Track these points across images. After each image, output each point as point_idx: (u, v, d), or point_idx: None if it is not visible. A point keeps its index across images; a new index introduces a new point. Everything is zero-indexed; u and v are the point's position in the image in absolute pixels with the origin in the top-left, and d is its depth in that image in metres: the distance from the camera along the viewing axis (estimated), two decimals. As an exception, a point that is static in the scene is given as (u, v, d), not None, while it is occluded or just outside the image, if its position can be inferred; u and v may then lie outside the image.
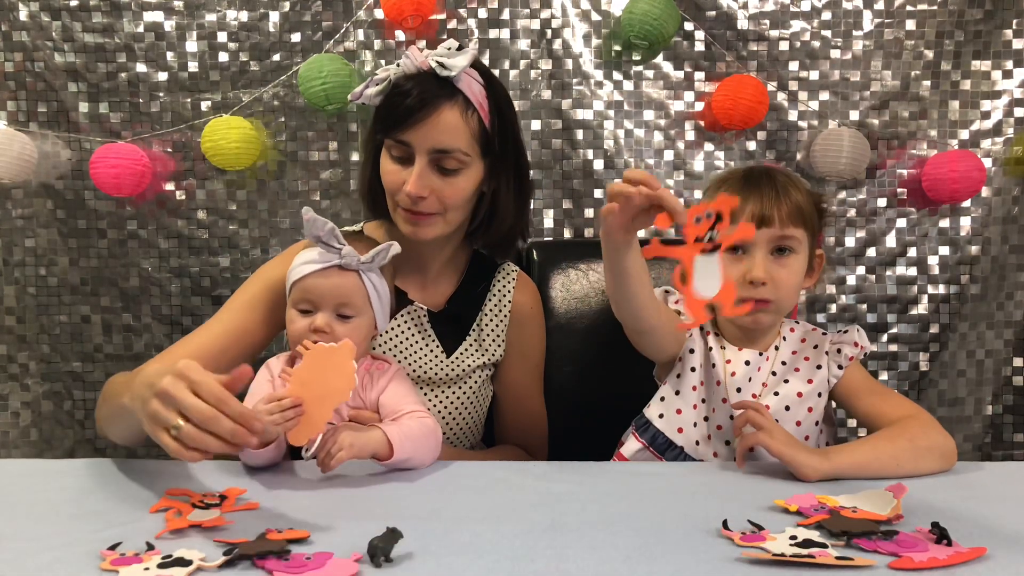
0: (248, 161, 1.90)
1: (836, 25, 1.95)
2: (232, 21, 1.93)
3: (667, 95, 1.97)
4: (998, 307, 2.00)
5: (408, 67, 1.21)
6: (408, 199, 1.21)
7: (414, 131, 1.19)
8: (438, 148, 1.20)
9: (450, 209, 1.24)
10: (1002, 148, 1.96)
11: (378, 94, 1.23)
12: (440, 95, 1.19)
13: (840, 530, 0.82)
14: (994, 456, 2.03)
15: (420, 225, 1.24)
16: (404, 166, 1.22)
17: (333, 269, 1.14)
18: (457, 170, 1.22)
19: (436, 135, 1.19)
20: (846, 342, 1.23)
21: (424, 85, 1.19)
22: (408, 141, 1.20)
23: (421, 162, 1.20)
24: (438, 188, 1.21)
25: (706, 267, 0.90)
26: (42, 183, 1.96)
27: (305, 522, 0.87)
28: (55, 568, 0.76)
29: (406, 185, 1.20)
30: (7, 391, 2.02)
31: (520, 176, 1.33)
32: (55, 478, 1.03)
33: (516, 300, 1.40)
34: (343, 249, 1.13)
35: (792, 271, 1.18)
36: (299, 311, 1.15)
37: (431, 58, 1.20)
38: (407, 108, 1.18)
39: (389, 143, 1.23)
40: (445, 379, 1.33)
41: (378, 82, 1.24)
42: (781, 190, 1.17)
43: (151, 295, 1.99)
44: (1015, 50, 1.95)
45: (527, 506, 0.94)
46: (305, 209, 1.12)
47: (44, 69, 1.93)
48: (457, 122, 1.20)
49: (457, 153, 1.20)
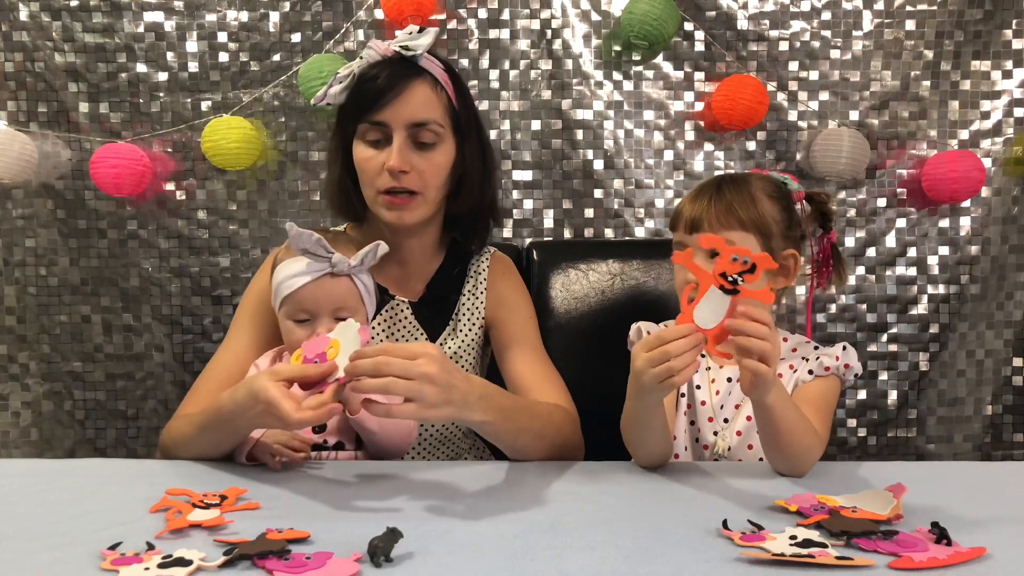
0: (248, 161, 1.90)
1: (836, 25, 1.95)
2: (232, 21, 1.93)
3: (667, 95, 1.97)
4: (998, 307, 2.00)
5: (372, 57, 1.24)
6: (390, 176, 1.22)
7: (389, 109, 1.21)
8: (415, 121, 1.22)
9: (429, 187, 1.26)
10: (1002, 148, 1.97)
11: (343, 90, 1.25)
12: (409, 73, 1.23)
13: (840, 530, 0.82)
14: (994, 456, 2.03)
15: (402, 209, 1.25)
16: (380, 149, 1.24)
17: (325, 278, 1.15)
18: (433, 144, 1.25)
19: (411, 109, 1.22)
20: (830, 354, 1.20)
21: (391, 68, 1.23)
22: (384, 120, 1.22)
23: (399, 137, 1.22)
24: (417, 164, 1.23)
25: (716, 301, 0.93)
26: (42, 183, 1.96)
27: (305, 522, 0.87)
28: (55, 568, 0.76)
29: (388, 162, 1.22)
30: (7, 391, 2.02)
31: (484, 155, 1.35)
32: (55, 478, 1.03)
33: (491, 280, 1.40)
34: (332, 257, 1.14)
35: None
36: (296, 322, 1.16)
37: (394, 44, 1.24)
38: (379, 89, 1.21)
39: (364, 128, 1.24)
40: None
41: (341, 79, 1.25)
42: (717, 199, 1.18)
43: (151, 295, 1.99)
44: (1015, 50, 1.95)
45: (527, 506, 0.94)
46: (289, 225, 1.12)
47: (44, 69, 1.93)
48: (429, 95, 1.24)
49: (432, 124, 1.23)
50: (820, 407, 1.16)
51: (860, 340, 2.00)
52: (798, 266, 1.24)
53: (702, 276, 0.94)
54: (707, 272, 0.93)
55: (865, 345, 2.00)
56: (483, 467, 1.12)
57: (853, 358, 1.20)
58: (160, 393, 2.01)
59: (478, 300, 1.38)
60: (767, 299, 0.94)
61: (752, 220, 1.18)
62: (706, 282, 0.93)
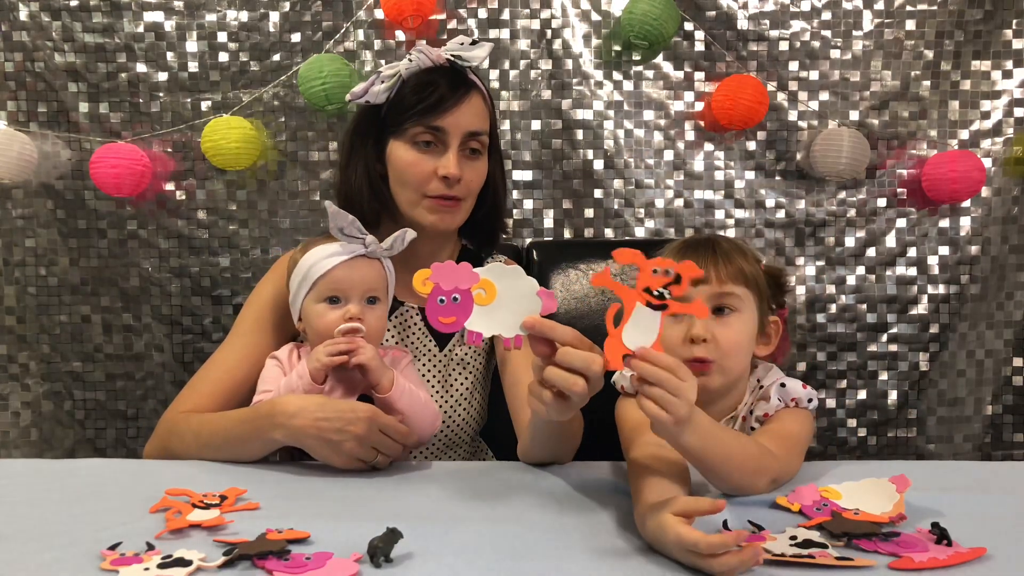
0: (248, 161, 1.90)
1: (836, 25, 1.95)
2: (232, 21, 1.93)
3: (667, 95, 1.97)
4: (998, 307, 2.00)
5: (423, 62, 1.25)
6: (444, 184, 1.25)
7: (451, 115, 1.24)
8: (471, 131, 1.26)
9: (471, 196, 1.30)
10: (1002, 148, 1.97)
11: (386, 90, 1.26)
12: (467, 83, 1.27)
13: (841, 531, 0.82)
14: (994, 456, 2.03)
15: (449, 212, 1.27)
16: (429, 153, 1.25)
17: (359, 259, 1.17)
18: (480, 153, 1.29)
19: (469, 118, 1.25)
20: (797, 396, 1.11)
21: (449, 75, 1.25)
22: (443, 126, 1.24)
23: (455, 145, 1.25)
24: (466, 172, 1.27)
25: (645, 320, 0.84)
26: (42, 183, 1.96)
27: (305, 522, 0.87)
28: (55, 568, 0.76)
29: (443, 169, 1.24)
30: (7, 391, 2.02)
31: (502, 169, 1.40)
32: (55, 478, 1.03)
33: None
34: (366, 239, 1.17)
35: (735, 331, 1.11)
36: (328, 301, 1.16)
37: (445, 52, 1.26)
38: (441, 95, 1.23)
39: (416, 131, 1.25)
40: (438, 373, 1.34)
41: (384, 79, 1.25)
42: (721, 253, 1.14)
43: (151, 295, 1.99)
44: (1015, 50, 1.95)
45: (527, 506, 0.94)
46: (328, 203, 1.14)
47: (44, 69, 1.93)
48: (482, 107, 1.28)
49: (483, 135, 1.28)
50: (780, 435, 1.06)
51: (860, 340, 2.00)
52: (779, 334, 1.20)
53: (625, 294, 0.84)
54: (630, 289, 0.85)
55: (865, 345, 2.00)
56: (483, 467, 1.12)
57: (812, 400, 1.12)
58: (160, 393, 2.01)
59: None
60: (700, 312, 0.87)
61: (753, 276, 1.14)
62: (630, 300, 0.84)
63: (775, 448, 1.01)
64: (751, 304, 1.14)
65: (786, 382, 1.12)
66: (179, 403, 1.24)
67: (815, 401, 1.12)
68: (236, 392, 1.24)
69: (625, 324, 0.84)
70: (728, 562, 0.73)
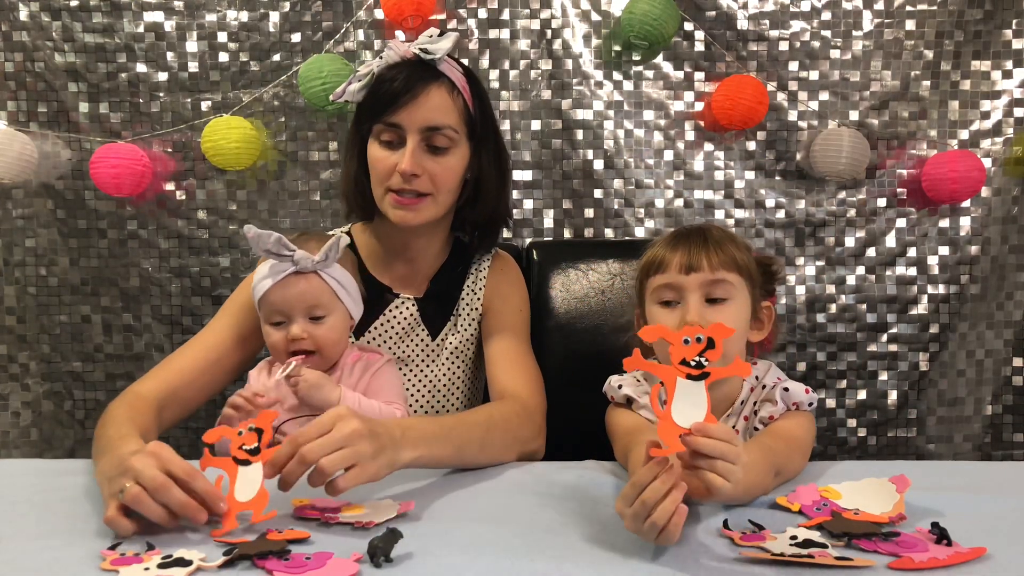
0: (248, 161, 1.90)
1: (836, 25, 1.95)
2: (232, 21, 1.93)
3: (667, 95, 1.97)
4: (998, 307, 2.00)
5: (391, 58, 1.25)
6: (401, 178, 1.23)
7: (404, 111, 1.22)
8: (428, 125, 1.23)
9: (440, 191, 1.27)
10: (1002, 148, 1.96)
11: (361, 88, 1.26)
12: (426, 76, 1.23)
13: (841, 531, 0.82)
14: (994, 456, 2.03)
15: (410, 209, 1.26)
16: (394, 150, 1.25)
17: (291, 277, 1.16)
18: (447, 149, 1.25)
19: (425, 113, 1.22)
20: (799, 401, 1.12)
21: (410, 70, 1.23)
22: (398, 122, 1.23)
23: (413, 140, 1.23)
24: (430, 168, 1.24)
25: (690, 393, 0.82)
26: (42, 183, 1.96)
27: (305, 522, 0.87)
28: (55, 568, 0.76)
29: (399, 164, 1.22)
30: (7, 391, 2.02)
31: (500, 162, 1.36)
32: (55, 478, 1.03)
33: (491, 276, 1.42)
34: (295, 255, 1.15)
35: (728, 318, 1.10)
36: (272, 325, 1.17)
37: (413, 46, 1.24)
38: (394, 91, 1.22)
39: (379, 128, 1.25)
40: (432, 363, 1.36)
41: (360, 78, 1.26)
42: (712, 241, 1.13)
43: (151, 295, 1.99)
44: (1015, 50, 1.95)
45: (527, 506, 0.94)
46: (247, 228, 1.13)
47: (44, 69, 1.93)
48: (445, 100, 1.24)
49: (447, 130, 1.24)
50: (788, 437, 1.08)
51: (860, 340, 2.00)
52: (771, 319, 1.20)
53: (663, 373, 0.83)
54: (666, 367, 0.83)
55: (865, 345, 2.00)
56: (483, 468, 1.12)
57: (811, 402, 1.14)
58: (160, 393, 2.01)
59: (477, 296, 1.39)
60: (744, 371, 0.84)
61: (744, 263, 1.14)
62: (670, 377, 0.82)
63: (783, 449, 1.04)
64: (744, 291, 1.15)
65: (789, 386, 1.13)
66: (145, 380, 1.22)
67: (815, 404, 1.14)
68: (206, 371, 1.26)
69: (671, 403, 0.82)
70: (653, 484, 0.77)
